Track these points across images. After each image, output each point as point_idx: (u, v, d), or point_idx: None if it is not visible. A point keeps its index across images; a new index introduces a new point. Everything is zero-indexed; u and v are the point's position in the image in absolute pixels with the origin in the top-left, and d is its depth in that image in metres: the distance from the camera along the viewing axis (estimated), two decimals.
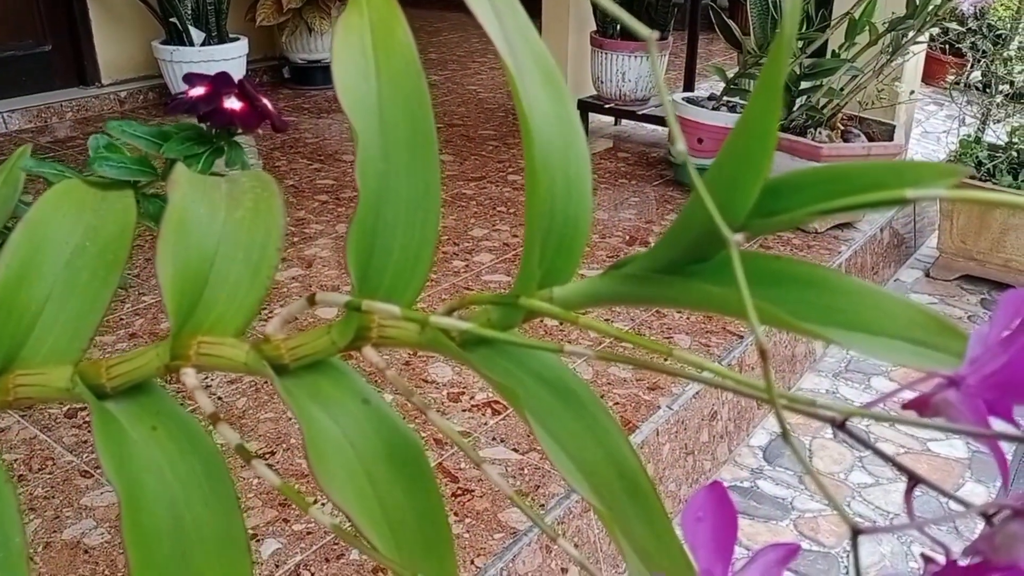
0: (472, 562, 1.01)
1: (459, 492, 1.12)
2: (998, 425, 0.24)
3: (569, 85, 2.67)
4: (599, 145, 2.65)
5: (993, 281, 2.06)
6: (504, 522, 1.07)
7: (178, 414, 0.32)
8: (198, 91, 0.53)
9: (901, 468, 0.26)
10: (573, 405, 0.31)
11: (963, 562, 0.22)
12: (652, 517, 0.31)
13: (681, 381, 1.39)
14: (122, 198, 0.38)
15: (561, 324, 1.55)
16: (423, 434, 1.23)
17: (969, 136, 2.05)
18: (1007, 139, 2.02)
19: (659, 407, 1.31)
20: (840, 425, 0.26)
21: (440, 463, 1.17)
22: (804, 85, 1.92)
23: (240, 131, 0.53)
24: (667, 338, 1.50)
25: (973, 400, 0.24)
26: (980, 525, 0.22)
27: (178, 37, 2.85)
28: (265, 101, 0.55)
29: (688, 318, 1.56)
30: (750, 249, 0.29)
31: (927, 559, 0.24)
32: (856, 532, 0.22)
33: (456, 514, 1.08)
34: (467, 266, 1.77)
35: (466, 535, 1.04)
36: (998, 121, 2.05)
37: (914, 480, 0.26)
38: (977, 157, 2.01)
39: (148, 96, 3.09)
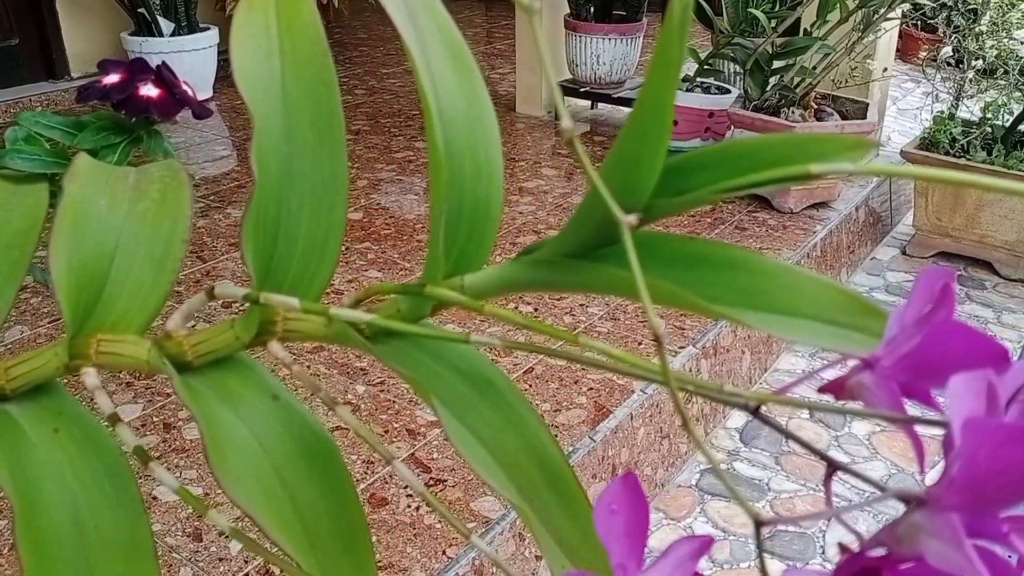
0: (444, 552, 1.00)
1: (431, 483, 1.11)
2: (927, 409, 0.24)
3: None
4: (576, 129, 2.62)
5: (969, 257, 2.06)
6: (477, 511, 1.06)
7: (81, 416, 0.31)
8: (112, 78, 0.51)
9: (819, 454, 0.25)
10: (491, 396, 0.30)
11: (872, 553, 0.21)
12: (576, 510, 0.30)
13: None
14: (34, 192, 0.36)
15: (536, 311, 1.54)
16: (395, 424, 1.22)
17: (943, 112, 2.05)
18: (980, 115, 2.02)
19: (633, 391, 1.31)
20: (754, 411, 0.25)
21: (412, 453, 1.16)
22: (776, 64, 1.91)
23: (159, 119, 0.52)
24: (641, 321, 1.50)
25: (888, 383, 0.23)
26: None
27: (147, 28, 2.81)
28: (185, 87, 0.54)
29: None
30: (663, 230, 0.28)
31: (843, 549, 0.23)
32: (759, 524, 0.21)
33: (428, 504, 1.07)
34: None
35: (438, 525, 1.04)
36: (971, 97, 2.05)
37: (832, 467, 0.25)
38: (951, 133, 2.00)
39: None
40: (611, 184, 0.24)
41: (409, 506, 1.06)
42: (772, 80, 1.93)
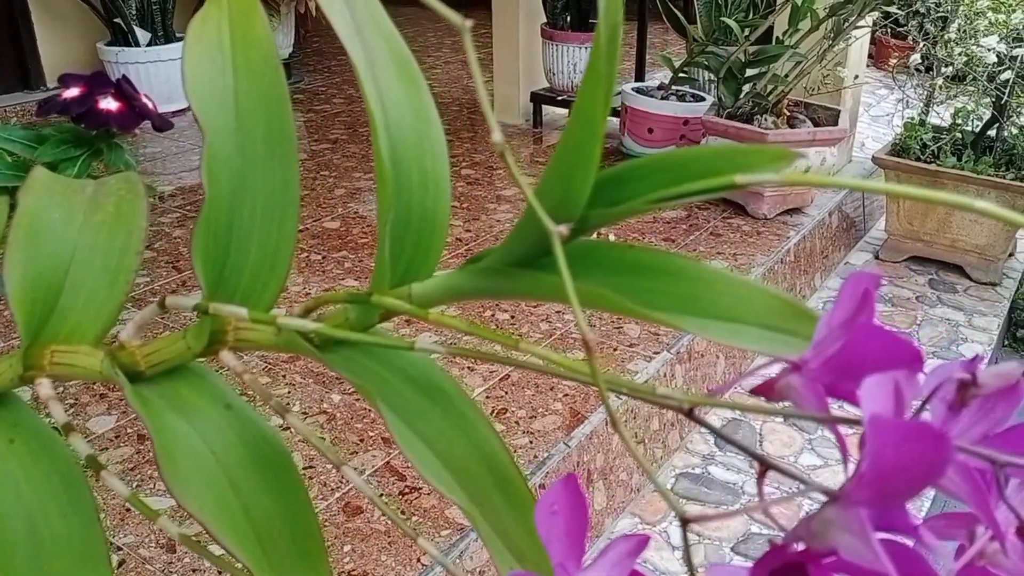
0: (419, 560, 1.00)
1: (407, 490, 1.11)
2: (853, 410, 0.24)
3: (521, 78, 2.67)
4: (553, 137, 2.65)
5: (941, 261, 2.09)
6: (451, 518, 1.07)
7: (36, 426, 0.31)
8: (72, 92, 0.52)
9: (752, 455, 0.26)
10: (441, 402, 0.30)
11: (793, 548, 0.21)
12: (525, 514, 0.30)
13: (630, 370, 1.40)
14: None
15: (512, 318, 1.55)
16: (371, 433, 1.22)
17: (913, 119, 2.08)
18: (951, 121, 2.06)
19: (608, 397, 1.32)
20: (688, 413, 0.26)
21: (387, 462, 1.16)
22: (749, 72, 1.94)
23: (119, 132, 0.52)
24: (617, 328, 1.51)
25: (814, 384, 0.24)
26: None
27: (123, 38, 2.80)
28: (145, 100, 0.54)
29: None
30: (603, 239, 0.29)
31: (772, 545, 0.23)
32: (685, 520, 0.22)
33: (403, 512, 1.07)
34: None
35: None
36: (941, 103, 2.08)
37: (765, 466, 0.26)
38: (922, 139, 2.03)
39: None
40: (549, 196, 0.25)
41: (384, 515, 1.06)
42: (745, 88, 1.95)
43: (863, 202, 2.28)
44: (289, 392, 1.32)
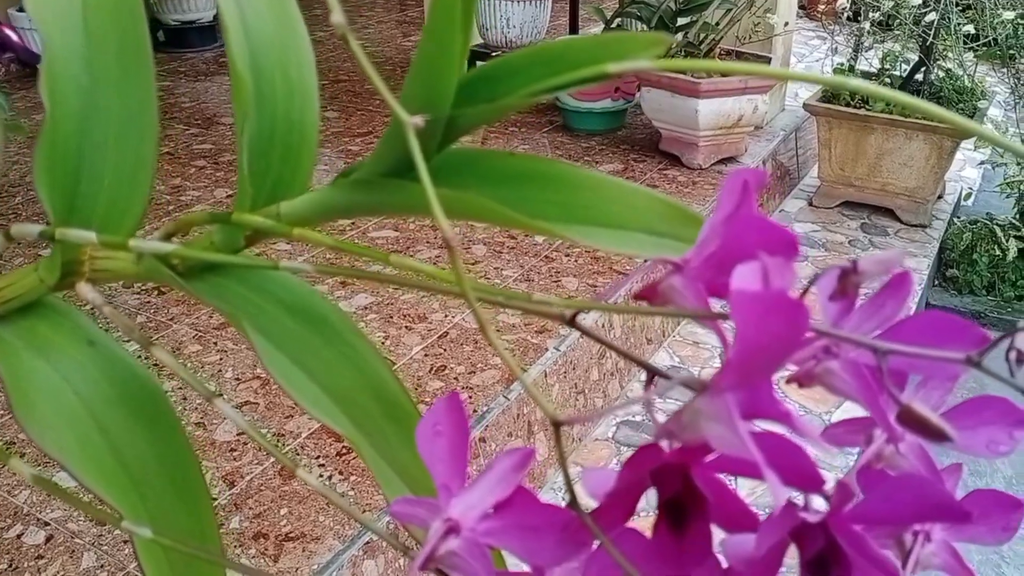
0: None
1: (343, 451, 1.10)
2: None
3: None
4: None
5: (872, 206, 2.13)
6: None
7: None
8: None
9: (640, 363, 0.25)
10: (323, 331, 0.29)
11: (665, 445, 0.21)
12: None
13: None
14: None
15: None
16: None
17: (842, 65, 2.10)
18: (879, 66, 2.08)
19: (547, 349, 1.31)
20: (570, 321, 0.25)
21: (323, 424, 1.14)
22: (681, 21, 1.93)
23: None
24: (555, 282, 1.50)
25: (694, 283, 0.23)
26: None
27: None
28: (9, 32, 0.50)
29: (576, 262, 1.56)
30: (487, 147, 0.27)
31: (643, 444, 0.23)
32: (556, 424, 0.21)
33: (341, 472, 1.06)
34: (352, 223, 1.72)
35: (351, 492, 1.03)
36: (869, 49, 2.10)
37: (651, 372, 0.25)
38: None
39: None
40: (413, 96, 0.24)
41: (321, 476, 1.05)
42: (677, 37, 1.94)
43: (796, 150, 2.30)
44: (221, 359, 1.29)
